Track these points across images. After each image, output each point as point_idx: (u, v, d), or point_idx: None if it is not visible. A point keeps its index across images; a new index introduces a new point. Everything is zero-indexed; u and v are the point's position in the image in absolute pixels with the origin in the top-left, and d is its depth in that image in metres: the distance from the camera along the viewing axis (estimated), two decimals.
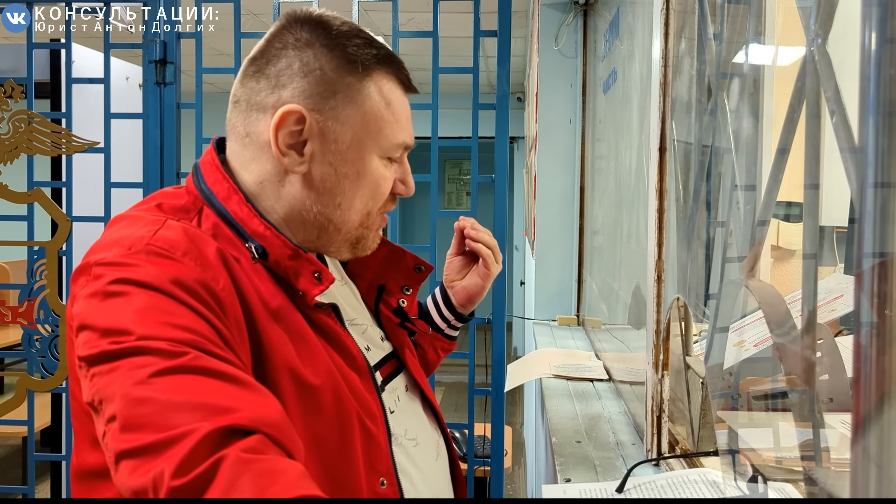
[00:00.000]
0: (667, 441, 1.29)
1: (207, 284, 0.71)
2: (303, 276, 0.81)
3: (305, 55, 0.81)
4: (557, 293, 3.09)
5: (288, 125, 0.80)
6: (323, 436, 0.78)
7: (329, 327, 0.84)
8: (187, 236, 0.75)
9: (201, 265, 0.73)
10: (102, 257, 0.72)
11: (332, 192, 0.83)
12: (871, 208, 0.51)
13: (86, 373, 0.66)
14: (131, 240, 0.73)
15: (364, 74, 0.82)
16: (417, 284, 1.00)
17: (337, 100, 0.81)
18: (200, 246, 0.75)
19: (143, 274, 0.69)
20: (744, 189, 0.95)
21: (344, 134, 0.82)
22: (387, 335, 0.98)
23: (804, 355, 0.75)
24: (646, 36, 1.50)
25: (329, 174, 0.82)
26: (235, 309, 0.73)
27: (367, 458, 0.82)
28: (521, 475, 4.10)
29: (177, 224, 0.77)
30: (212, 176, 0.84)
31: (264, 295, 0.78)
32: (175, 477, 0.56)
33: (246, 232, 0.81)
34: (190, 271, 0.71)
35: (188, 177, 0.87)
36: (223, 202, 0.82)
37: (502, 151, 1.99)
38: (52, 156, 2.19)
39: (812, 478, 0.78)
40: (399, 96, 0.85)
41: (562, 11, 2.98)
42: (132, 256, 0.71)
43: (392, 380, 0.94)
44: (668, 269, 1.28)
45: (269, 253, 0.80)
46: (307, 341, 0.79)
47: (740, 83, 0.99)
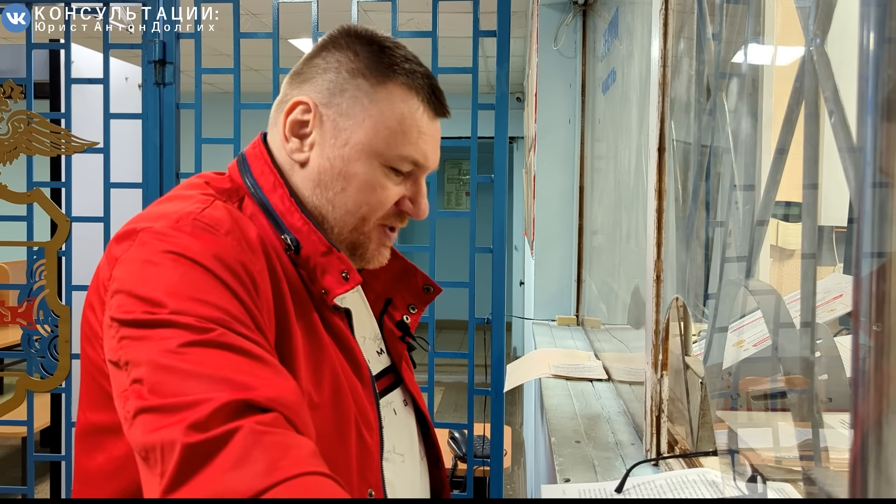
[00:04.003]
0: (666, 441, 1.29)
1: (246, 265, 0.73)
2: (330, 273, 0.82)
3: (337, 56, 0.85)
4: (557, 293, 3.09)
5: (296, 113, 0.85)
6: (321, 434, 0.78)
7: (341, 331, 0.85)
8: (232, 217, 0.78)
9: (242, 246, 0.75)
10: (150, 226, 0.75)
11: (326, 187, 0.84)
12: (869, 208, 0.51)
13: (115, 332, 0.68)
14: (179, 214, 0.76)
15: (380, 81, 0.84)
16: (423, 305, 1.01)
17: (344, 98, 0.84)
18: (244, 228, 0.78)
19: (185, 246, 0.72)
20: (743, 189, 0.95)
21: (346, 131, 0.84)
22: (387, 348, 0.98)
23: (803, 355, 0.75)
24: (645, 36, 1.50)
25: (325, 168, 0.84)
26: (268, 293, 0.75)
27: (360, 467, 0.82)
28: (521, 475, 4.09)
29: (222, 205, 0.80)
30: (259, 168, 0.87)
31: (294, 286, 0.81)
32: (189, 433, 0.57)
33: (283, 224, 0.83)
34: (231, 250, 0.73)
35: (231, 165, 0.89)
36: (267, 194, 0.84)
37: (501, 151, 1.99)
38: (51, 156, 2.18)
39: (811, 478, 0.79)
40: (416, 112, 0.85)
41: (561, 11, 2.98)
42: (179, 229, 0.74)
43: (388, 393, 0.94)
44: (667, 269, 1.28)
45: (302, 247, 0.82)
46: (320, 340, 0.81)
47: (739, 83, 0.99)
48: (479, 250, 2.01)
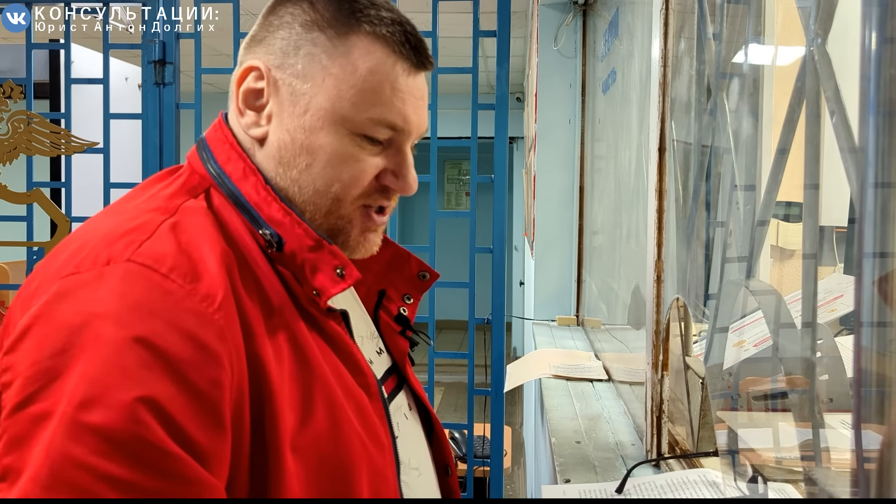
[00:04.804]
0: (666, 441, 1.29)
1: (188, 332, 0.59)
2: (322, 271, 0.70)
3: (290, 10, 0.72)
4: (557, 293, 3.09)
5: (248, 81, 0.72)
6: (321, 471, 0.67)
7: (338, 337, 0.72)
8: (178, 243, 0.64)
9: (186, 292, 0.60)
10: (72, 275, 0.61)
11: (288, 165, 0.72)
12: (871, 208, 0.51)
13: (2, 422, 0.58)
14: (110, 252, 0.62)
15: (340, 33, 0.70)
16: (420, 294, 0.88)
17: (299, 56, 0.70)
18: (196, 248, 0.64)
19: (106, 313, 0.58)
20: (743, 189, 0.95)
21: (305, 96, 0.70)
22: (386, 346, 0.86)
23: (804, 355, 0.75)
24: (645, 36, 1.50)
25: (286, 142, 0.71)
26: (235, 338, 0.62)
27: (374, 494, 0.70)
28: (521, 475, 4.09)
29: (168, 228, 0.65)
30: (224, 153, 0.73)
31: (270, 295, 0.68)
32: None
33: (260, 217, 0.70)
34: (168, 310, 0.59)
35: (191, 153, 0.76)
36: (237, 183, 0.71)
37: (501, 151, 1.99)
38: (51, 156, 2.18)
39: (812, 478, 0.78)
40: (385, 65, 0.71)
41: (561, 11, 2.98)
42: (103, 280, 0.60)
43: (394, 398, 0.83)
44: (667, 269, 1.28)
45: (285, 243, 0.69)
46: (307, 361, 0.68)
47: (740, 83, 0.99)
48: (479, 250, 2.01)
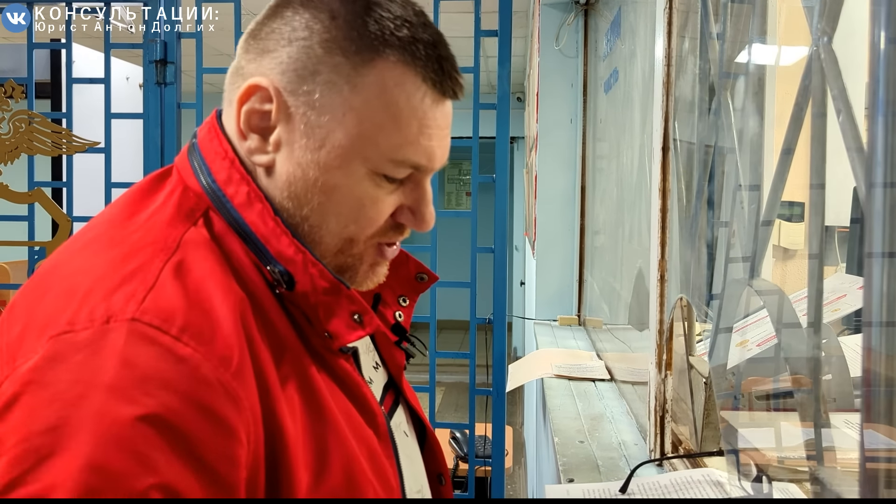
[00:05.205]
0: (670, 441, 1.29)
1: (206, 405, 0.53)
2: (338, 316, 0.64)
3: (306, 19, 0.63)
4: (558, 293, 3.08)
5: (253, 102, 0.64)
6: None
7: (348, 377, 0.67)
8: (186, 293, 0.57)
9: (203, 354, 0.54)
10: (66, 333, 0.54)
11: (298, 200, 0.64)
12: (879, 208, 0.50)
13: None
14: (109, 309, 0.54)
15: (365, 57, 0.62)
16: (416, 295, 0.82)
17: (317, 83, 0.62)
18: (207, 296, 0.57)
19: (111, 388, 0.51)
20: (748, 189, 0.95)
21: (321, 129, 0.63)
22: (381, 359, 0.80)
23: (808, 355, 0.75)
24: (648, 35, 1.50)
25: (296, 177, 0.64)
26: (252, 397, 0.56)
27: None
28: (522, 475, 4.10)
29: (171, 271, 0.58)
30: (224, 173, 0.65)
31: (280, 338, 0.62)
32: None
33: (269, 252, 0.63)
34: (183, 381, 0.52)
35: (180, 160, 0.67)
36: (240, 209, 0.63)
37: (503, 151, 1.99)
38: (52, 156, 2.18)
39: (817, 477, 0.78)
40: (414, 98, 0.64)
41: (562, 11, 2.98)
42: (103, 350, 0.52)
43: (393, 415, 0.78)
44: (671, 268, 1.28)
45: (297, 283, 0.63)
46: (320, 408, 0.63)
47: (744, 82, 0.99)
48: (480, 250, 2.01)
